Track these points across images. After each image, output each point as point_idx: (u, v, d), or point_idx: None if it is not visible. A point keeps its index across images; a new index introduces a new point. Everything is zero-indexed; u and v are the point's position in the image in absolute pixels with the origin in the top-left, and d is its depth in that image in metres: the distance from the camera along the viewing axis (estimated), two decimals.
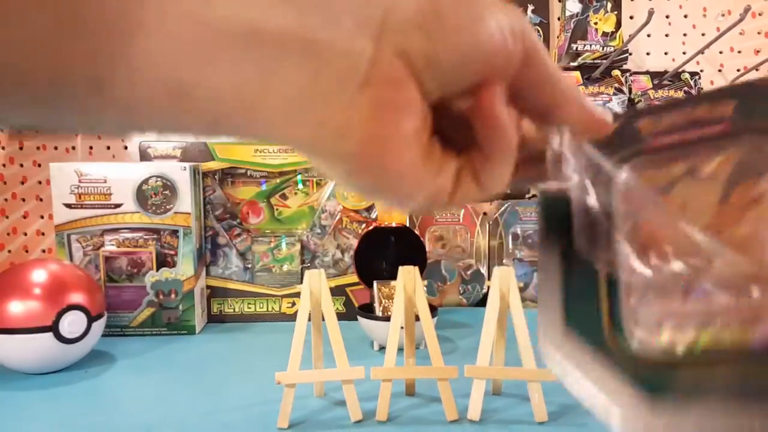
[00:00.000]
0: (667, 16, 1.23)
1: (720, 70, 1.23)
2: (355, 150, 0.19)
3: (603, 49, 1.15)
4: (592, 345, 0.25)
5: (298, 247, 1.05)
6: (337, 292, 1.03)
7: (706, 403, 0.21)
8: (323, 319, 0.63)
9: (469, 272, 1.12)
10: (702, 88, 1.20)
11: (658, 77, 1.19)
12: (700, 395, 0.21)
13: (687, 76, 1.19)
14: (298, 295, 1.02)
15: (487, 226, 1.12)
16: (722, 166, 0.24)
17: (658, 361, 0.23)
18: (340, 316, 1.04)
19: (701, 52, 1.11)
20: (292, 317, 1.01)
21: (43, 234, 1.20)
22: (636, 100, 1.19)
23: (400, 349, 0.66)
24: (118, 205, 0.92)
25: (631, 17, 1.21)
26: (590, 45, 1.15)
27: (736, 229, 0.23)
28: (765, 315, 0.21)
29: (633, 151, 0.25)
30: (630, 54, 1.21)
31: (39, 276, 0.74)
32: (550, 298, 0.27)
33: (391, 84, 0.18)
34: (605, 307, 0.25)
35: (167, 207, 0.92)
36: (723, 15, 1.22)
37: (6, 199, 1.19)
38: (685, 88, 1.18)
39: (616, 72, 1.18)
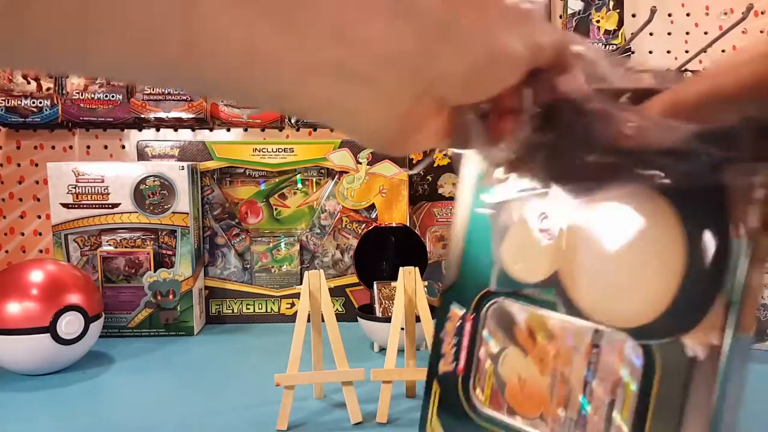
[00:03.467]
0: (670, 15, 1.22)
1: None
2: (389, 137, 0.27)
3: (605, 48, 1.14)
4: None
5: (297, 247, 1.04)
6: (336, 292, 1.02)
7: None
8: (323, 320, 0.62)
9: None
10: None
11: None
12: None
13: (689, 74, 1.18)
14: (297, 296, 1.01)
15: None
16: (497, 338, 0.37)
17: None
18: (340, 317, 1.03)
19: (704, 50, 1.10)
20: (292, 318, 1.00)
21: (40, 234, 1.19)
22: None
23: (401, 351, 0.65)
24: (115, 205, 0.91)
25: (634, 15, 1.21)
26: (592, 43, 1.14)
27: None
28: None
29: None
30: (632, 52, 1.20)
31: (36, 276, 0.74)
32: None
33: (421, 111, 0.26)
34: None
35: (165, 207, 0.91)
36: (725, 13, 1.21)
37: (3, 199, 1.19)
38: None
39: None
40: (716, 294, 0.27)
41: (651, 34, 1.22)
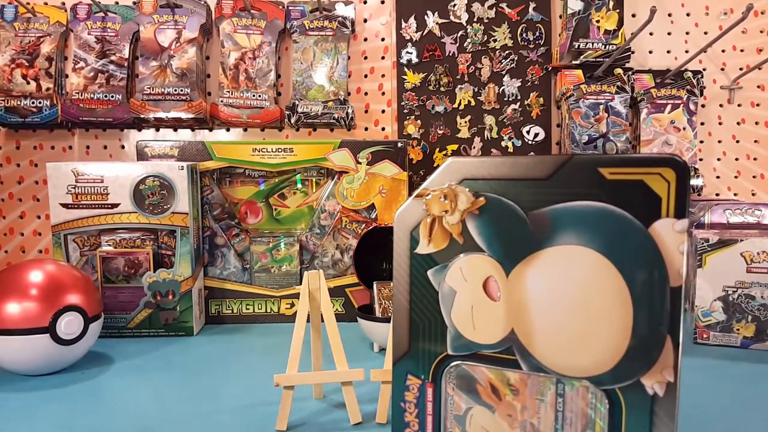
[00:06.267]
0: (670, 15, 1.22)
1: (722, 69, 1.22)
2: None
3: (605, 48, 1.14)
4: None
5: (297, 247, 1.04)
6: (336, 293, 1.02)
7: None
8: (322, 321, 0.62)
9: None
10: (704, 87, 1.20)
11: (660, 76, 1.19)
12: None
13: (689, 74, 1.18)
14: (297, 296, 1.01)
15: None
16: (460, 399, 0.38)
17: None
18: (340, 318, 1.03)
19: (704, 50, 1.10)
20: (291, 318, 1.00)
21: (39, 234, 1.19)
22: (638, 99, 1.18)
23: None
24: (115, 205, 0.91)
25: (634, 15, 1.21)
26: (592, 43, 1.14)
27: None
28: None
29: None
30: (632, 52, 1.20)
31: (36, 277, 0.74)
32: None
33: None
34: None
35: (164, 207, 0.91)
36: (725, 13, 1.21)
37: (2, 199, 1.19)
38: (688, 87, 1.18)
39: (618, 70, 1.17)
40: (665, 336, 0.30)
41: (651, 34, 1.22)
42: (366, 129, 1.22)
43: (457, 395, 0.37)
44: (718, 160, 1.24)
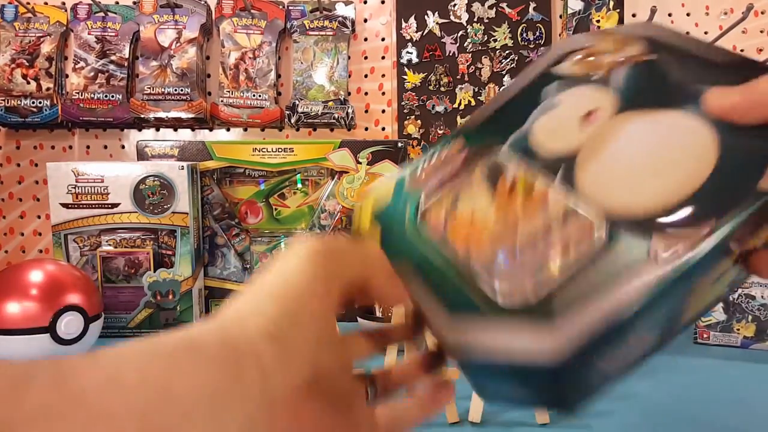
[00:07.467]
0: (670, 14, 1.22)
1: None
2: None
3: None
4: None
5: None
6: None
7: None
8: None
9: None
10: None
11: None
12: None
13: None
14: None
15: None
16: (477, 178, 0.34)
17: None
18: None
19: None
20: None
21: (40, 234, 1.19)
22: None
23: (401, 351, 0.65)
24: (115, 205, 0.91)
25: (634, 15, 1.21)
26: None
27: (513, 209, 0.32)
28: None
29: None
30: None
31: (36, 276, 0.74)
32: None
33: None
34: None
35: (165, 207, 0.91)
36: (725, 13, 1.21)
37: (2, 199, 1.19)
38: None
39: None
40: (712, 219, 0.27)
41: None
42: (366, 129, 1.22)
43: (477, 180, 0.35)
44: None
